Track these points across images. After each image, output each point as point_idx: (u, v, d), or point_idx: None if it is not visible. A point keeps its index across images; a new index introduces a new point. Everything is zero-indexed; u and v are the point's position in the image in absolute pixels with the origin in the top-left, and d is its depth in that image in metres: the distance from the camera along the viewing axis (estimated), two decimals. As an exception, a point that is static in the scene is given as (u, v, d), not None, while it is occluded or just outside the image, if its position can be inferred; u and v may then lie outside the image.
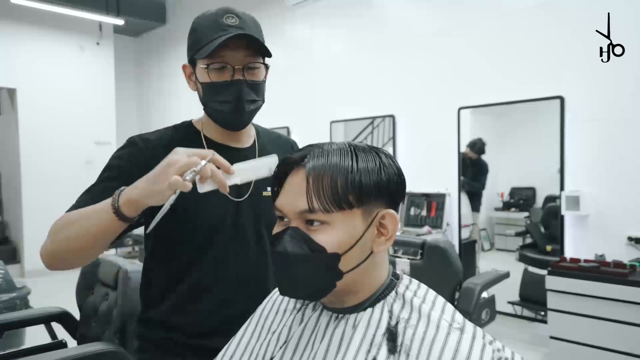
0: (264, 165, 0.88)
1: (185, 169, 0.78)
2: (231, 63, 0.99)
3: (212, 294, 1.05)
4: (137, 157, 1.01)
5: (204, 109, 1.07)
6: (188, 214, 1.01)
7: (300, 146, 0.77)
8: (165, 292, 1.06)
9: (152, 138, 1.05)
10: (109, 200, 0.85)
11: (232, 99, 1.01)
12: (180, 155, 0.81)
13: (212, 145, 1.07)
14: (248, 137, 1.15)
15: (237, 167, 0.85)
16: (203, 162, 0.80)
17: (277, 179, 0.75)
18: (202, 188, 0.82)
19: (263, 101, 1.07)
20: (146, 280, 1.10)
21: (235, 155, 1.04)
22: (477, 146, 3.68)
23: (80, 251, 0.90)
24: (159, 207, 0.81)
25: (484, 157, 3.75)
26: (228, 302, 1.06)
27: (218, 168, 0.82)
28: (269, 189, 1.08)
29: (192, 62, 1.03)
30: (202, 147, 1.06)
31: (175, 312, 1.05)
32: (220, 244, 1.05)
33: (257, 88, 1.03)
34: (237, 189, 1.03)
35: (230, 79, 1.00)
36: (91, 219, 0.87)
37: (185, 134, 1.08)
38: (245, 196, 1.08)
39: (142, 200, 0.82)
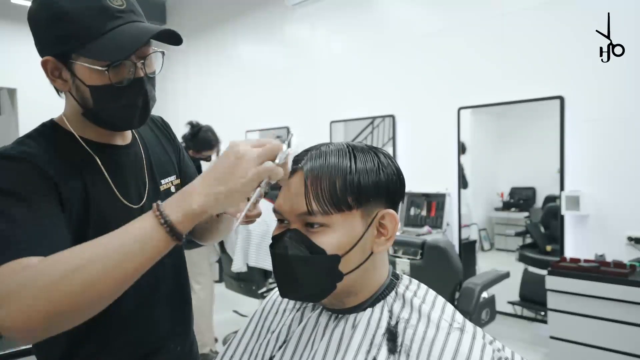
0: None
1: (270, 156, 0.66)
2: (133, 59, 0.81)
3: (139, 317, 0.91)
4: (41, 177, 0.78)
5: (85, 114, 0.86)
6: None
7: (301, 148, 0.75)
8: (78, 341, 0.84)
9: (33, 152, 0.79)
10: (145, 222, 0.66)
11: (137, 101, 0.83)
12: (244, 146, 0.66)
13: (94, 147, 0.88)
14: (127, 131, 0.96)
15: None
16: (285, 147, 0.67)
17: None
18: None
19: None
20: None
21: (124, 154, 0.92)
22: (464, 147, 3.70)
23: (102, 297, 0.67)
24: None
25: (467, 158, 3.75)
26: (158, 322, 0.96)
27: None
28: (164, 181, 0.99)
29: (64, 56, 0.81)
30: (83, 151, 0.86)
31: (101, 353, 0.87)
32: None
33: (154, 80, 0.88)
34: (126, 191, 0.90)
35: (133, 76, 0.81)
36: (125, 251, 0.65)
37: (60, 140, 0.86)
38: (144, 198, 0.92)
39: (210, 208, 0.66)
